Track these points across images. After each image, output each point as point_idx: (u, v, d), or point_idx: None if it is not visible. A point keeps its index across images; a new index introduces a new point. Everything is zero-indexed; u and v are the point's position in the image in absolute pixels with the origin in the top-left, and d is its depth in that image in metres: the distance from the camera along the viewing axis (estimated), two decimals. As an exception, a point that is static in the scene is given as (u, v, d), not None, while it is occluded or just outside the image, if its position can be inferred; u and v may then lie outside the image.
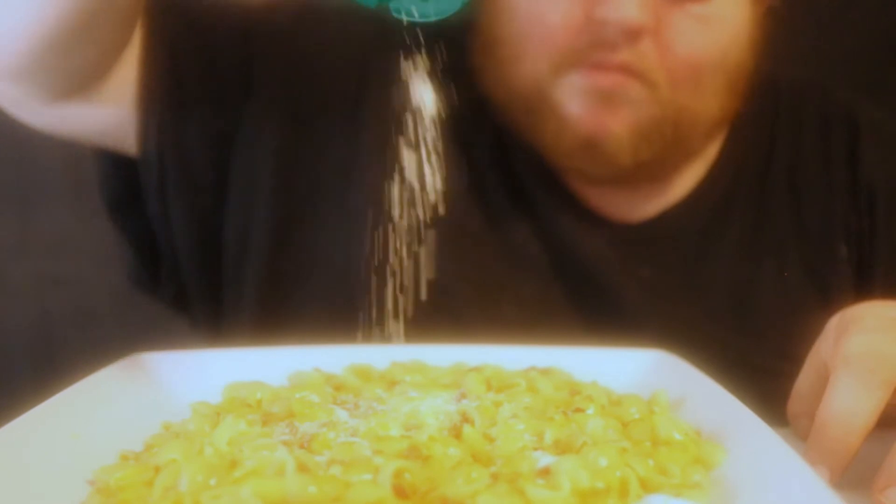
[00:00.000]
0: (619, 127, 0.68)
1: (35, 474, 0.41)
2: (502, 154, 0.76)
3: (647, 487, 0.40)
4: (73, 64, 0.66)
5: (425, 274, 0.65)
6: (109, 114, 0.72)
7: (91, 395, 0.49)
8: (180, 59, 0.73)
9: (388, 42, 0.56)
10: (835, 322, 0.53)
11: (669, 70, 0.68)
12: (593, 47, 0.66)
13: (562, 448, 0.43)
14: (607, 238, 0.76)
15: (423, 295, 0.64)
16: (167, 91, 0.73)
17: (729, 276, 0.77)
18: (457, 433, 0.43)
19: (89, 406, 0.48)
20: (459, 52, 0.65)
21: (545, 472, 0.39)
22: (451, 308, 0.71)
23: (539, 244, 0.75)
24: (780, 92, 0.82)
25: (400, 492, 0.37)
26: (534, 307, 0.74)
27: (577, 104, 0.68)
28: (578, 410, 0.48)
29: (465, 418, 0.45)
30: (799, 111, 0.81)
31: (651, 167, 0.73)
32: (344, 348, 0.58)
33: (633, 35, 0.65)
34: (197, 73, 0.74)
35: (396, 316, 0.63)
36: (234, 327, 0.77)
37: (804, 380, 0.54)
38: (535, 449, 0.43)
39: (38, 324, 1.24)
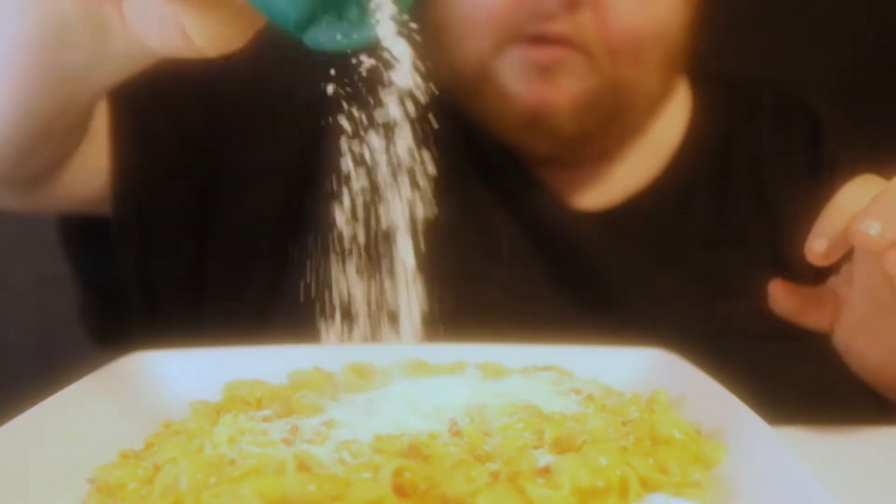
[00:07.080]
0: (560, 100, 0.70)
1: (35, 474, 0.41)
2: (469, 141, 0.77)
3: (647, 486, 0.40)
4: (30, 165, 0.65)
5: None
6: (84, 188, 0.72)
7: (91, 395, 0.49)
8: (152, 130, 0.74)
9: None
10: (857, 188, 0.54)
11: (608, 42, 0.69)
12: (532, 19, 0.68)
13: (562, 447, 0.43)
14: (575, 223, 0.78)
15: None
16: (141, 157, 0.73)
17: (696, 264, 0.78)
18: (457, 431, 0.43)
19: (89, 405, 0.48)
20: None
21: (545, 471, 0.39)
22: (439, 301, 0.71)
23: (515, 228, 0.76)
24: (734, 87, 0.84)
25: (400, 490, 0.37)
26: (517, 291, 0.75)
27: (518, 80, 0.70)
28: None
29: (466, 416, 0.45)
30: (755, 101, 0.84)
31: (596, 143, 0.75)
32: (344, 347, 0.58)
33: (571, 5, 0.67)
34: (168, 140, 0.75)
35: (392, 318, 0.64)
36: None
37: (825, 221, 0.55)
38: (535, 448, 0.43)
39: (38, 324, 1.24)
